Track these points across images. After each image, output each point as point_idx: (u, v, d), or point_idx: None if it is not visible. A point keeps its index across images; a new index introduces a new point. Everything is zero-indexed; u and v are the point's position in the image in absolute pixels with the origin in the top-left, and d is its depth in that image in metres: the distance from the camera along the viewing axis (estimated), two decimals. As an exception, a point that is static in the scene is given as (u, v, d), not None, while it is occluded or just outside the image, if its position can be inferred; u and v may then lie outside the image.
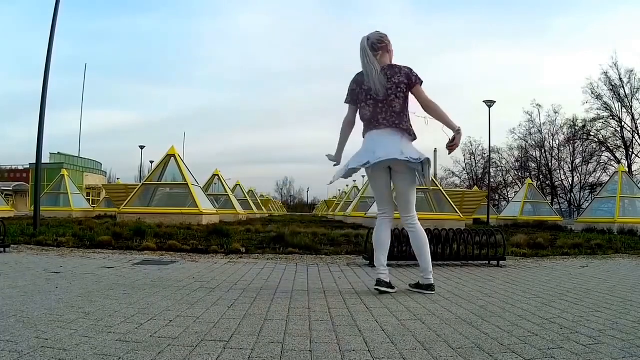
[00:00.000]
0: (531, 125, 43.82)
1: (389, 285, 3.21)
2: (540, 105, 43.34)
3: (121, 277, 3.74)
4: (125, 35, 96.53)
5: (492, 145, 25.88)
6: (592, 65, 73.73)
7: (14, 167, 51.83)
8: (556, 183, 43.01)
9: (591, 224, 14.70)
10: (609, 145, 38.78)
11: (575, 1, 70.72)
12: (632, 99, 36.64)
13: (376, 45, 3.24)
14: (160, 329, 2.13)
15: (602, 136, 39.05)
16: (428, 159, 3.11)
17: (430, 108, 3.19)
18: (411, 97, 3.26)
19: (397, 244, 5.03)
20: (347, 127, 3.41)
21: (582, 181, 40.93)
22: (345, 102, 3.37)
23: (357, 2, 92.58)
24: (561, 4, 72.41)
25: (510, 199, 33.35)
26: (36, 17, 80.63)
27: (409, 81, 3.20)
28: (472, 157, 48.64)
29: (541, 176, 43.64)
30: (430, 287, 3.27)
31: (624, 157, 37.80)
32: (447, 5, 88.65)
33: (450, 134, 3.16)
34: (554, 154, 43.29)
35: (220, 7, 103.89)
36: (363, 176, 28.65)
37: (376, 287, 3.17)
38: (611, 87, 37.12)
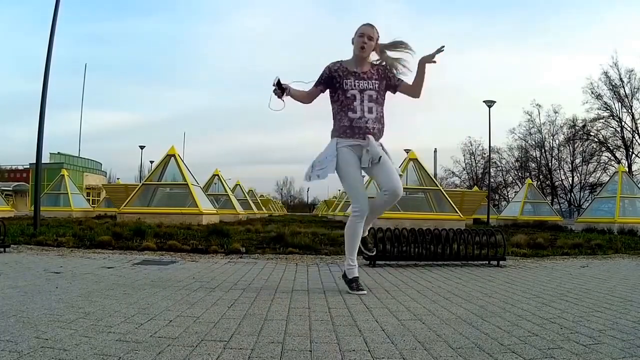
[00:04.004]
0: (531, 125, 43.87)
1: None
2: (540, 105, 43.38)
3: (121, 277, 3.74)
4: (126, 37, 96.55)
5: (492, 145, 25.88)
6: (592, 65, 73.77)
7: (14, 167, 51.79)
8: (556, 183, 43.01)
9: (591, 224, 14.69)
10: (609, 145, 38.79)
11: (575, 1, 70.71)
12: (632, 99, 36.67)
13: None
14: (160, 329, 2.13)
15: (602, 136, 39.08)
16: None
17: None
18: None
19: (397, 244, 5.03)
20: None
21: (582, 181, 40.94)
22: None
23: (356, 4, 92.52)
24: (561, 4, 72.40)
25: (510, 199, 33.35)
26: (38, 18, 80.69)
27: None
28: (472, 157, 48.68)
29: (541, 176, 43.64)
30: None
31: (624, 157, 37.81)
32: (446, 6, 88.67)
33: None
34: (554, 154, 43.31)
35: (220, 9, 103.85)
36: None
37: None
38: (611, 87, 37.16)
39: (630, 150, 37.49)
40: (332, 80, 3.23)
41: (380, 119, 3.26)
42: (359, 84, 3.19)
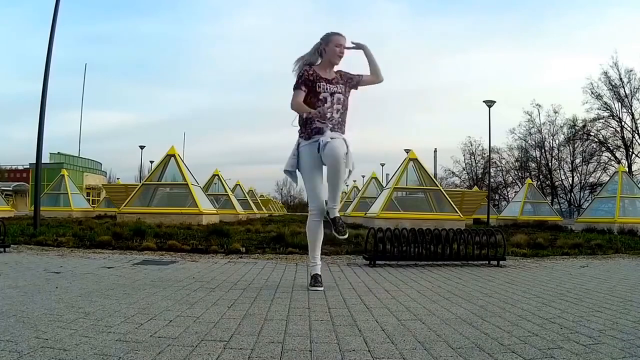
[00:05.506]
0: (531, 125, 43.92)
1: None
2: (540, 105, 43.42)
3: (121, 277, 3.74)
4: (126, 37, 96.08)
5: (492, 145, 25.88)
6: (592, 65, 73.68)
7: (14, 167, 51.78)
8: (556, 183, 43.03)
9: (591, 224, 14.68)
10: (609, 145, 38.82)
11: (575, 2, 70.67)
12: (632, 98, 36.72)
13: None
14: (160, 329, 2.13)
15: (602, 136, 39.11)
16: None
17: None
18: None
19: (397, 244, 5.03)
20: None
21: (582, 181, 40.96)
22: None
23: (355, 5, 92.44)
24: (561, 5, 72.34)
25: (510, 199, 33.35)
26: (38, 18, 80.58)
27: None
28: (472, 157, 48.73)
29: (541, 176, 43.65)
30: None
31: (624, 157, 37.83)
32: (445, 7, 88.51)
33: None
34: (554, 154, 43.34)
35: (221, 10, 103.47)
36: (363, 176, 28.62)
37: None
38: (611, 87, 37.19)
39: (630, 150, 37.52)
40: (308, 83, 3.36)
41: (342, 122, 3.42)
42: (329, 88, 3.37)
